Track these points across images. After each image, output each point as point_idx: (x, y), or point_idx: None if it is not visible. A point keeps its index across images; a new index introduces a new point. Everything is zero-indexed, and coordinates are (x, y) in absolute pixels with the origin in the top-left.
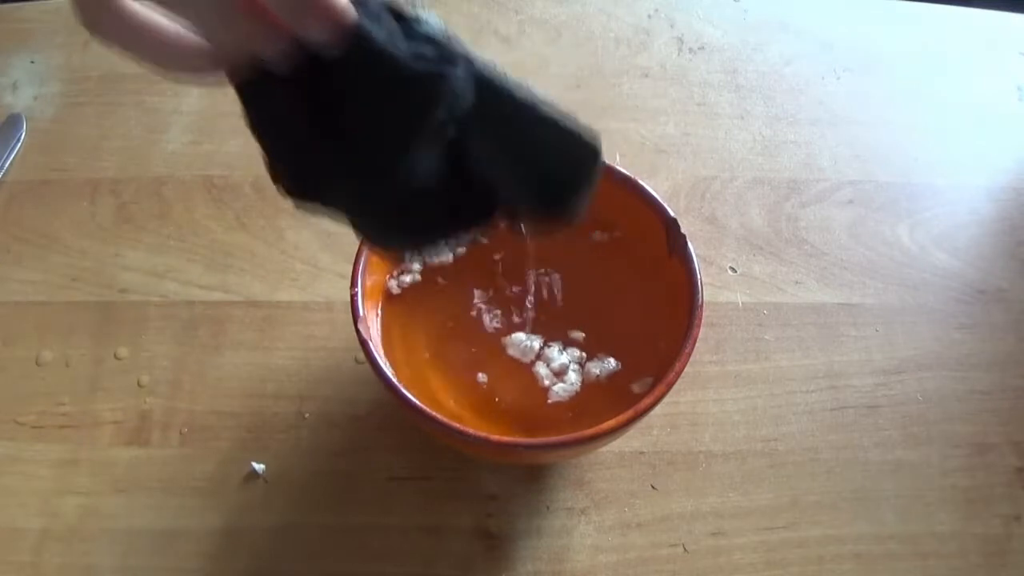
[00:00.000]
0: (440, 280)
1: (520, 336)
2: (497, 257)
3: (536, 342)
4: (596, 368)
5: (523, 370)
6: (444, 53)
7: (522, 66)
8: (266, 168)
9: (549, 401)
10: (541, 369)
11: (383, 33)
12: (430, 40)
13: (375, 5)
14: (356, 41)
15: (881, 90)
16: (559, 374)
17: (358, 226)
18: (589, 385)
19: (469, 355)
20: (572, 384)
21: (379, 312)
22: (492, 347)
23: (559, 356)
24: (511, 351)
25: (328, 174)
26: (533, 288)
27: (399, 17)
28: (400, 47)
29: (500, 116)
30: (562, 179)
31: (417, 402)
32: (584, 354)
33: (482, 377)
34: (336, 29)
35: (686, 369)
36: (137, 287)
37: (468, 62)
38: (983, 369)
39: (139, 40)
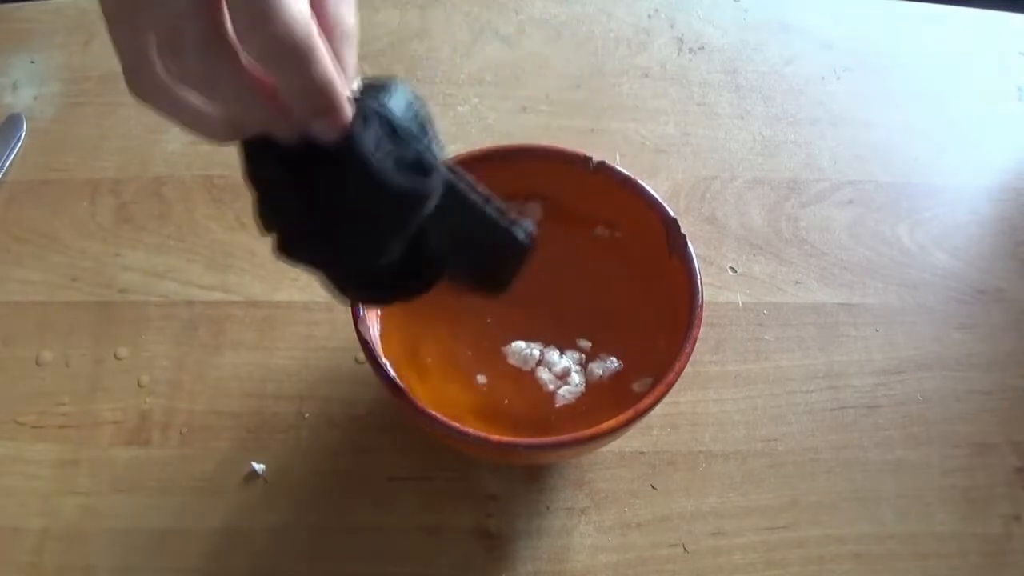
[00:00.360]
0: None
1: (520, 344)
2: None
3: (535, 350)
4: (599, 368)
5: (526, 374)
6: (424, 163)
7: (522, 66)
8: (254, 216)
9: (557, 405)
10: (543, 374)
11: (372, 138)
12: (413, 144)
13: (368, 108)
14: (349, 141)
15: (881, 90)
16: (562, 377)
17: (328, 282)
18: (592, 385)
19: (470, 356)
20: (577, 385)
21: (379, 312)
22: (493, 347)
23: (560, 360)
24: (512, 360)
25: (309, 244)
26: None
27: (388, 122)
28: (384, 156)
29: (456, 214)
30: (494, 268)
31: (417, 402)
32: (584, 355)
33: (481, 379)
34: (335, 127)
35: (686, 369)
36: (137, 287)
37: (440, 169)
38: (983, 369)
39: (176, 109)
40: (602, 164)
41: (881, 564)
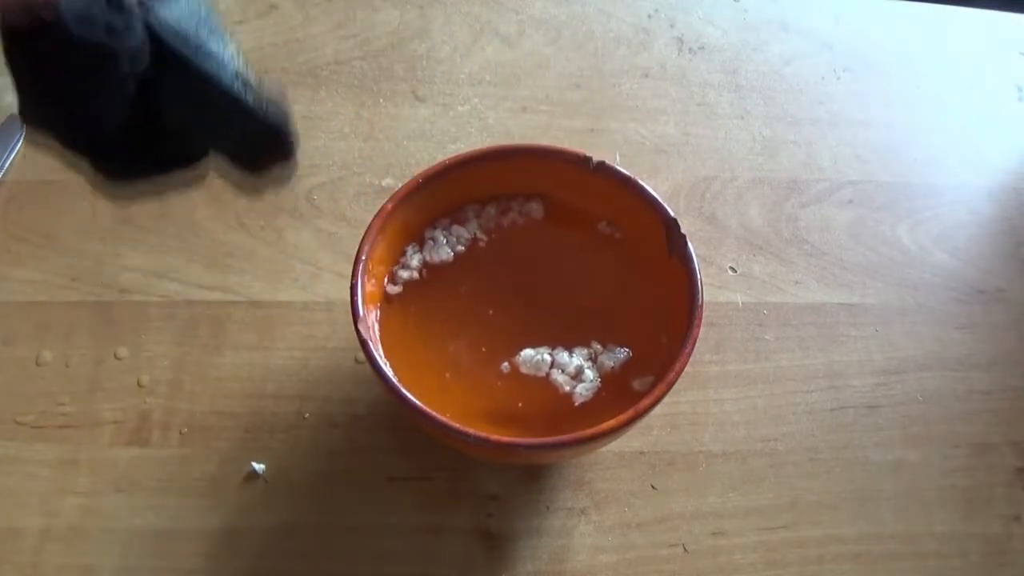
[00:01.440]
0: (440, 279)
1: (529, 352)
2: (483, 242)
3: (545, 354)
4: (609, 360)
5: (539, 378)
6: (127, 22)
7: (522, 66)
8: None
9: (576, 404)
10: (558, 376)
11: (80, 3)
12: (121, 10)
13: None
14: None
15: (881, 90)
16: (575, 376)
17: (74, 160)
18: (605, 377)
19: (471, 355)
20: (592, 381)
21: (379, 312)
22: (499, 349)
23: (571, 359)
24: (524, 369)
25: (38, 111)
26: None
27: None
28: (88, 17)
29: (183, 81)
30: (248, 148)
31: (417, 402)
32: (593, 351)
33: (505, 366)
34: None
35: (686, 369)
36: (137, 287)
37: (150, 31)
38: (983, 369)
39: None
40: (602, 164)
41: (881, 564)
